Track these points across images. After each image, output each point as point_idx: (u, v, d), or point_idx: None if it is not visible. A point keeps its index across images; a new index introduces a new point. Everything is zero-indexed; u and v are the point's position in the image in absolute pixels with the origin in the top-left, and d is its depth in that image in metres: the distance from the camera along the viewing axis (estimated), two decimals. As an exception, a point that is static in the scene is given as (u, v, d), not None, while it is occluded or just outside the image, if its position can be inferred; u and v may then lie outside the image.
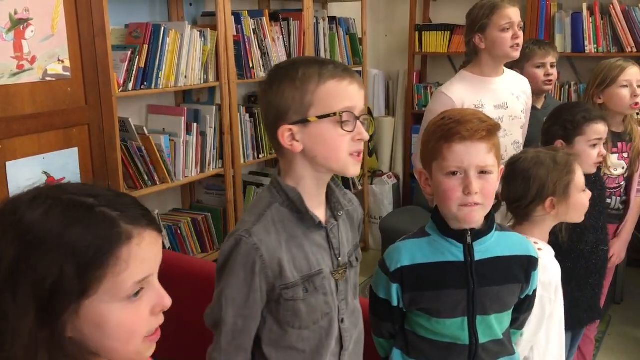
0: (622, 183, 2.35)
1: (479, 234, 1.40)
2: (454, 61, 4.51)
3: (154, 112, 2.96)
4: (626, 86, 2.30)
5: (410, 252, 1.43)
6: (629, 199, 2.37)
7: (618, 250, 2.32)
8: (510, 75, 2.46)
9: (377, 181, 4.34)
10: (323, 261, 1.28)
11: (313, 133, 1.20)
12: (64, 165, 2.11)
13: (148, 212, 0.85)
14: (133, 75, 2.58)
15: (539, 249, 1.56)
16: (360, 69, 4.12)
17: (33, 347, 0.74)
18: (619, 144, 2.33)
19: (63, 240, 0.75)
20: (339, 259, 1.32)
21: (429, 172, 1.41)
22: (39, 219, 0.76)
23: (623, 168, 2.33)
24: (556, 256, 1.65)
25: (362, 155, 1.26)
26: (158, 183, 2.73)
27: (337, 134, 1.20)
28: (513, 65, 2.70)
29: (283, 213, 1.25)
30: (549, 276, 1.56)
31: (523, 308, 1.50)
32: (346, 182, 4.07)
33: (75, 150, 2.15)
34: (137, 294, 0.81)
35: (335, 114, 1.19)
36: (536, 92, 2.68)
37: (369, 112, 4.34)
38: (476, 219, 1.36)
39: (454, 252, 1.40)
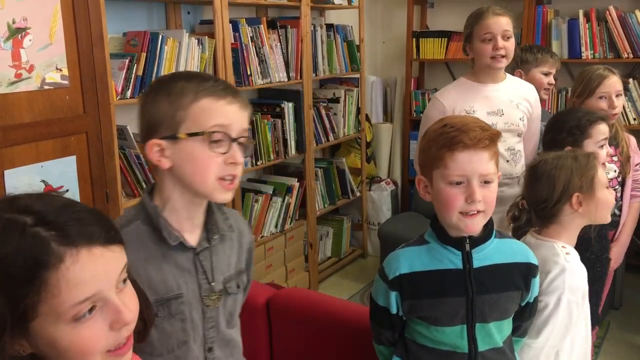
0: (617, 187, 2.36)
1: (477, 241, 1.40)
2: (452, 68, 4.54)
3: (152, 120, 2.95)
4: (604, 97, 2.31)
5: (409, 260, 1.42)
6: (624, 204, 2.38)
7: (617, 254, 2.32)
8: (513, 82, 2.46)
9: (375, 187, 4.34)
10: (185, 285, 1.22)
11: (182, 150, 1.15)
12: (62, 173, 2.11)
13: (101, 225, 0.82)
14: (131, 83, 2.58)
15: (567, 253, 1.57)
16: (358, 75, 4.13)
17: None
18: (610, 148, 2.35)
19: None
20: (212, 284, 1.26)
21: (428, 179, 1.41)
22: None
23: (615, 171, 2.35)
24: None
25: (235, 181, 1.20)
26: (156, 191, 2.72)
27: (207, 154, 1.15)
28: (518, 66, 2.72)
29: (143, 231, 1.19)
30: (577, 281, 1.56)
31: (524, 315, 1.49)
32: (345, 188, 4.08)
33: (74, 158, 2.15)
34: (91, 310, 0.78)
35: (204, 132, 1.14)
36: None
37: (367, 119, 4.34)
38: (476, 228, 1.36)
39: (452, 260, 1.40)
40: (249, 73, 3.15)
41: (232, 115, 1.17)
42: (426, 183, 1.43)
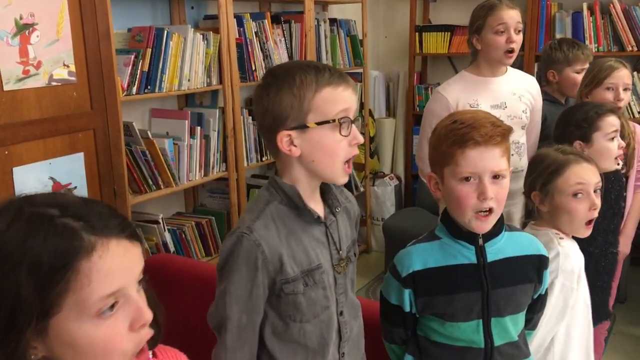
0: (623, 179, 2.35)
1: (490, 235, 1.39)
2: (454, 62, 4.52)
3: (157, 116, 2.95)
4: (611, 89, 2.30)
5: (421, 257, 1.41)
6: (628, 195, 2.37)
7: (623, 245, 2.32)
8: (515, 74, 2.45)
9: (379, 182, 4.34)
10: (322, 256, 1.31)
11: (311, 138, 1.23)
12: (70, 170, 2.10)
13: (122, 220, 0.81)
14: (137, 79, 2.58)
15: (560, 238, 1.57)
16: (361, 70, 4.12)
17: None
18: None
19: (20, 254, 0.72)
20: (340, 252, 1.35)
21: (439, 176, 1.40)
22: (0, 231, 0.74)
23: (618, 164, 2.34)
24: None
25: (351, 165, 1.30)
26: (162, 187, 2.72)
27: (335, 139, 1.24)
28: (549, 67, 2.69)
29: (282, 210, 1.28)
30: (570, 264, 1.56)
31: (536, 308, 1.49)
32: (349, 184, 4.07)
33: (81, 155, 2.15)
34: (112, 307, 0.76)
35: (334, 120, 1.22)
36: (566, 94, 2.71)
37: (370, 114, 4.34)
38: (488, 227, 1.36)
39: (466, 255, 1.39)
40: (253, 68, 3.14)
41: (349, 100, 1.26)
42: (437, 180, 1.42)
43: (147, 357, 0.82)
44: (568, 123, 2.10)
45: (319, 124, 1.22)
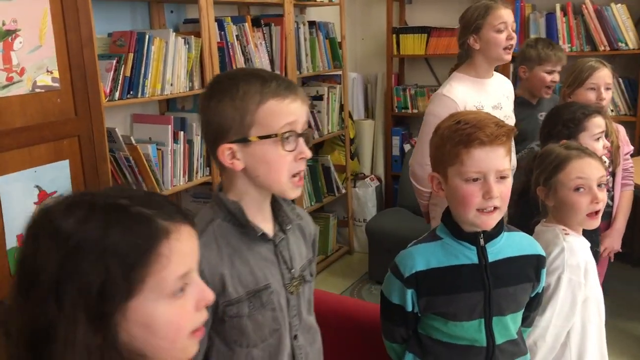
0: (609, 177, 2.40)
1: (491, 235, 1.41)
2: (431, 63, 4.57)
3: (139, 122, 2.91)
4: (593, 89, 2.35)
5: (424, 257, 1.42)
6: (615, 194, 2.42)
7: (614, 242, 2.37)
8: (498, 77, 2.50)
9: (360, 184, 4.35)
10: (271, 275, 1.26)
11: (254, 153, 1.19)
12: (55, 178, 2.06)
13: (180, 209, 0.85)
14: (119, 85, 2.54)
15: (566, 234, 1.59)
16: (340, 72, 4.13)
17: (89, 356, 0.73)
18: None
19: (103, 243, 0.75)
20: (292, 272, 1.30)
21: (442, 176, 1.41)
22: (77, 225, 0.75)
23: (605, 162, 2.39)
24: None
25: (302, 178, 1.25)
26: (146, 193, 2.68)
27: (278, 154, 1.19)
28: (521, 63, 2.74)
29: (225, 228, 1.23)
30: (576, 259, 1.58)
31: (533, 306, 1.52)
32: (330, 186, 4.08)
33: (67, 162, 2.10)
34: (181, 289, 0.81)
35: (276, 135, 1.17)
36: (535, 95, 2.75)
37: (350, 116, 4.35)
38: (493, 223, 1.37)
39: (467, 255, 1.41)
40: (244, 67, 3.12)
41: (297, 112, 1.20)
42: (440, 180, 1.43)
43: (202, 333, 0.86)
44: (556, 122, 2.14)
45: (261, 137, 1.17)
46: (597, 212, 1.64)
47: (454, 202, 1.39)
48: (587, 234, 2.03)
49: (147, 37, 2.64)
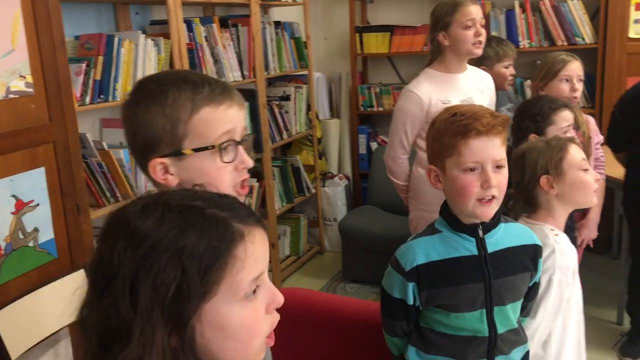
0: None
1: (489, 227, 1.43)
2: (394, 61, 4.61)
3: (109, 126, 2.84)
4: (566, 80, 2.43)
5: (424, 250, 1.44)
6: None
7: (590, 231, 2.44)
8: (474, 71, 2.55)
9: (329, 183, 4.35)
10: None
11: (190, 166, 1.06)
12: (32, 186, 1.99)
13: (252, 211, 0.83)
14: (90, 88, 2.47)
15: (555, 235, 1.62)
16: (306, 72, 4.13)
17: (165, 358, 0.72)
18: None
19: (180, 244, 0.74)
20: None
21: (440, 168, 1.42)
22: (154, 226, 0.74)
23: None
24: None
25: (247, 184, 1.14)
26: (121, 199, 2.62)
27: (217, 166, 1.07)
28: (481, 63, 2.80)
29: None
30: (566, 260, 1.62)
31: (531, 295, 1.54)
32: (300, 186, 4.07)
33: (42, 170, 2.03)
34: (253, 292, 0.79)
35: (213, 146, 1.06)
36: (499, 89, 2.80)
37: (316, 116, 4.35)
38: (492, 214, 1.39)
39: (467, 247, 1.43)
40: (205, 74, 3.08)
41: (234, 118, 1.09)
42: (437, 172, 1.44)
43: (273, 338, 0.85)
44: (523, 117, 2.19)
45: (196, 150, 1.05)
46: (595, 190, 1.73)
47: (453, 193, 1.41)
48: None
49: (116, 39, 2.58)
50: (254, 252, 0.79)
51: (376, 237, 3.63)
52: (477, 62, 2.90)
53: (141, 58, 2.69)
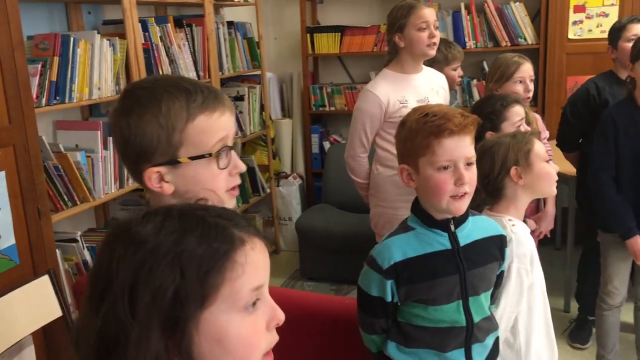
0: None
1: (459, 221, 1.49)
2: (345, 62, 4.67)
3: (63, 128, 2.77)
4: (520, 82, 2.54)
5: (400, 248, 1.47)
6: None
7: (547, 224, 2.56)
8: (429, 71, 2.62)
9: (284, 182, 4.38)
10: None
11: (185, 174, 1.08)
12: (-8, 191, 1.93)
13: (251, 223, 0.84)
14: (45, 90, 2.41)
15: (513, 225, 1.70)
16: (259, 72, 4.14)
17: None
18: None
19: (180, 248, 0.73)
20: None
21: (413, 167, 1.47)
22: (153, 231, 0.74)
23: None
24: None
25: (237, 189, 1.17)
26: (78, 203, 2.57)
27: (212, 173, 1.09)
28: (431, 65, 2.88)
29: None
30: (523, 249, 1.69)
31: (498, 283, 1.62)
32: (255, 186, 4.08)
33: (2, 174, 1.98)
34: (253, 304, 0.78)
35: (210, 154, 1.08)
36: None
37: (269, 117, 4.36)
38: (464, 208, 1.45)
39: (441, 242, 1.48)
40: (161, 74, 3.05)
41: (227, 125, 1.11)
42: (410, 171, 1.49)
43: (272, 357, 0.83)
44: (478, 116, 2.28)
45: (193, 158, 1.07)
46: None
47: (427, 191, 1.46)
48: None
49: (71, 39, 2.52)
50: (255, 259, 0.78)
51: (333, 235, 3.68)
52: (428, 65, 2.99)
53: (97, 58, 2.65)
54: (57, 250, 2.38)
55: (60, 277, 2.34)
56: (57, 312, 1.99)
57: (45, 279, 2.01)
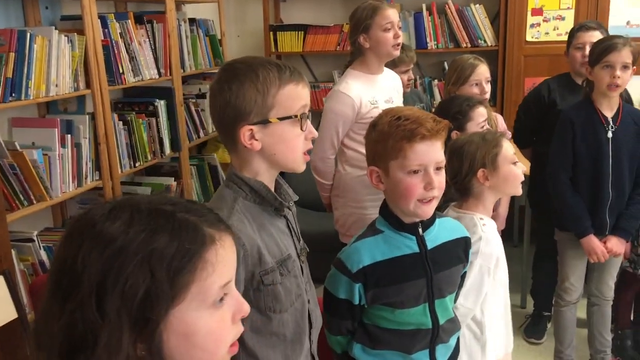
0: None
1: (427, 224, 1.51)
2: (307, 60, 4.67)
3: (19, 126, 2.69)
4: (476, 84, 2.59)
5: (369, 252, 1.48)
6: None
7: (500, 223, 2.60)
8: (388, 72, 2.65)
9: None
10: (289, 246, 1.37)
11: (273, 133, 1.28)
12: (-55, 192, 1.86)
13: (221, 217, 0.83)
14: (1, 86, 2.34)
15: (483, 224, 1.72)
16: (221, 70, 4.09)
17: None
18: None
19: (150, 247, 0.72)
20: (300, 242, 1.43)
21: (383, 170, 1.48)
22: (121, 229, 0.73)
23: None
24: None
25: (307, 153, 1.36)
26: (35, 202, 2.50)
27: (294, 134, 1.30)
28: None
29: (247, 205, 1.31)
30: (490, 248, 1.72)
31: (461, 284, 1.64)
32: (218, 184, 4.04)
33: (-43, 174, 1.91)
34: (221, 300, 0.79)
35: (295, 116, 1.28)
36: None
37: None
38: (432, 212, 1.47)
39: (409, 245, 1.49)
40: (121, 71, 2.99)
41: (306, 96, 1.32)
42: (379, 174, 1.49)
43: (237, 348, 0.84)
44: (445, 116, 2.31)
45: (281, 119, 1.27)
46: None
47: (396, 194, 1.47)
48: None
49: (28, 35, 2.45)
50: (224, 257, 0.79)
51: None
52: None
53: (55, 55, 2.57)
54: (12, 250, 2.32)
55: (15, 278, 2.28)
56: (12, 314, 1.93)
57: (0, 280, 1.95)
